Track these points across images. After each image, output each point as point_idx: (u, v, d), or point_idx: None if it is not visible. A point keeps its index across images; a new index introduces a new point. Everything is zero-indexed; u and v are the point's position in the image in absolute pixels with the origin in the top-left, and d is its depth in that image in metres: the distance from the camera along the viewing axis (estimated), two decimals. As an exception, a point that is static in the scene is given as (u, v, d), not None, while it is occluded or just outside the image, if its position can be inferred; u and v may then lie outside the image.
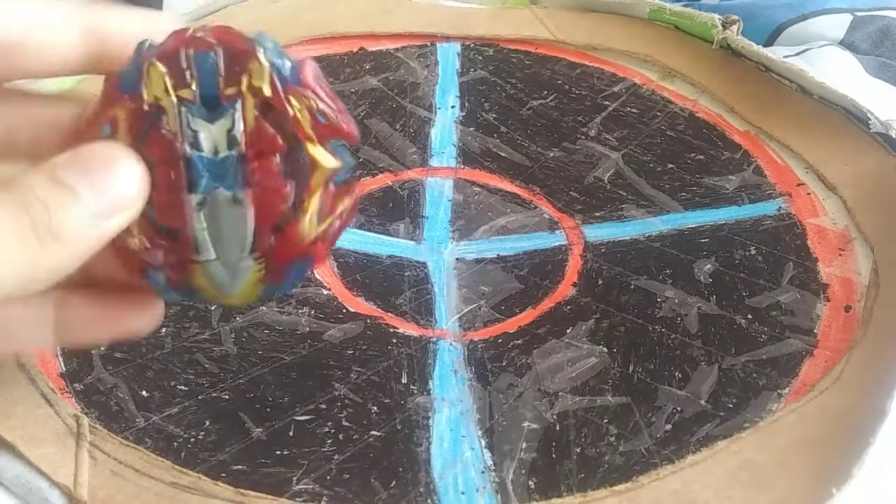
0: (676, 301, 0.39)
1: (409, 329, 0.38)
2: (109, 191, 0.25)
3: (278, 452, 0.32)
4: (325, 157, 0.26)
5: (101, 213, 0.25)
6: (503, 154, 0.47)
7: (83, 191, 0.25)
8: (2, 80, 0.28)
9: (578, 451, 0.33)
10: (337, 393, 0.35)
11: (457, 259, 0.41)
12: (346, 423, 0.34)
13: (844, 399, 0.34)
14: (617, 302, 0.39)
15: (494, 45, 0.54)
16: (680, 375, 0.36)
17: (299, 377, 0.35)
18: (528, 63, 0.53)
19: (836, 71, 0.51)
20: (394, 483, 0.32)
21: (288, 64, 0.27)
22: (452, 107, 0.50)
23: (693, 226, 0.43)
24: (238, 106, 0.26)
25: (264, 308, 0.38)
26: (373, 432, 0.33)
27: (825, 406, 0.34)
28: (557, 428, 0.34)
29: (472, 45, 0.54)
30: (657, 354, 0.37)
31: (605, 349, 0.37)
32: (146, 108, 0.26)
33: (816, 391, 0.35)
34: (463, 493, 0.31)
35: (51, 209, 0.24)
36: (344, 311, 0.38)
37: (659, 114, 0.50)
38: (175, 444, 0.33)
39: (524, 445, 0.33)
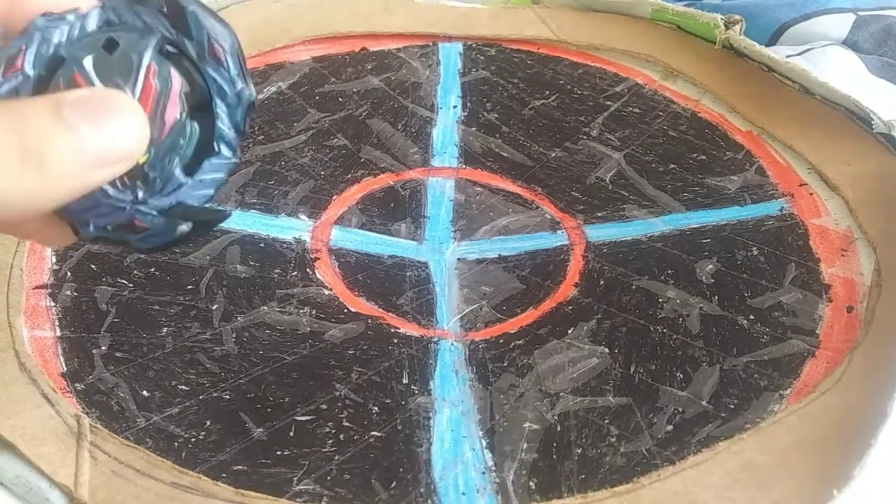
0: (678, 301, 0.39)
1: (410, 329, 0.38)
2: (109, 141, 0.25)
3: (279, 453, 0.32)
4: None
5: (95, 162, 0.25)
6: (505, 154, 0.47)
7: (84, 133, 0.24)
8: None
9: (579, 451, 0.33)
10: (338, 393, 0.35)
11: (458, 259, 0.41)
12: (347, 424, 0.34)
13: (846, 400, 0.34)
14: (618, 302, 0.39)
15: (496, 45, 0.54)
16: (681, 376, 0.36)
17: (300, 377, 0.35)
18: (530, 63, 0.53)
19: (839, 71, 0.51)
20: (394, 484, 0.32)
21: None
22: (454, 107, 0.50)
23: (695, 226, 0.43)
24: None
25: (266, 308, 0.38)
26: (373, 433, 0.33)
27: (827, 407, 0.34)
28: (558, 428, 0.34)
29: (474, 45, 0.54)
30: (658, 355, 0.37)
31: (607, 350, 0.37)
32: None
33: (818, 392, 0.34)
34: (463, 494, 0.31)
35: (45, 139, 0.24)
36: (345, 311, 0.38)
37: (661, 114, 0.50)
38: (176, 444, 0.33)
39: (525, 446, 0.33)
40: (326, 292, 0.39)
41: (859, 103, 0.46)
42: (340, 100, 0.50)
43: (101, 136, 0.25)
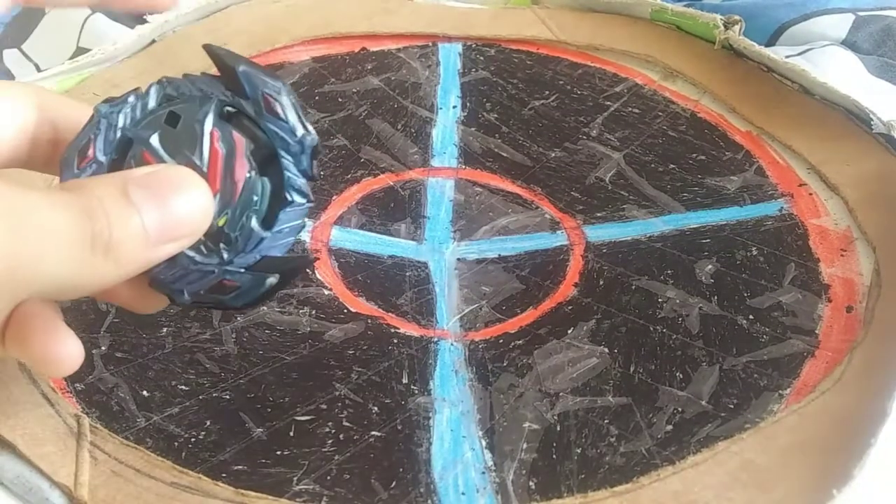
0: (678, 301, 0.39)
1: (410, 329, 0.38)
2: (173, 219, 0.25)
3: (279, 452, 0.32)
4: None
5: (158, 240, 0.25)
6: (504, 154, 0.47)
7: (149, 214, 0.25)
8: None
9: (579, 451, 0.33)
10: (337, 393, 0.35)
11: (458, 259, 0.41)
12: (347, 424, 0.34)
13: (845, 400, 0.34)
14: (618, 302, 0.39)
15: (496, 46, 0.54)
16: (681, 376, 0.36)
17: (300, 377, 0.35)
18: (530, 63, 0.53)
19: (838, 71, 0.51)
20: (394, 483, 0.32)
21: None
22: (454, 107, 0.50)
23: (694, 226, 0.43)
24: None
25: (265, 308, 0.38)
26: (373, 432, 0.33)
27: (826, 407, 0.34)
28: (558, 428, 0.34)
29: (474, 46, 0.54)
30: (658, 355, 0.37)
31: (606, 350, 0.37)
32: None
33: (817, 392, 0.35)
34: (463, 494, 0.31)
35: (113, 225, 0.24)
36: (345, 311, 0.38)
37: (661, 114, 0.50)
38: (175, 444, 0.33)
39: (525, 446, 0.33)
40: (326, 292, 0.39)
41: (859, 103, 0.46)
42: (340, 100, 0.50)
43: (165, 214, 0.25)
